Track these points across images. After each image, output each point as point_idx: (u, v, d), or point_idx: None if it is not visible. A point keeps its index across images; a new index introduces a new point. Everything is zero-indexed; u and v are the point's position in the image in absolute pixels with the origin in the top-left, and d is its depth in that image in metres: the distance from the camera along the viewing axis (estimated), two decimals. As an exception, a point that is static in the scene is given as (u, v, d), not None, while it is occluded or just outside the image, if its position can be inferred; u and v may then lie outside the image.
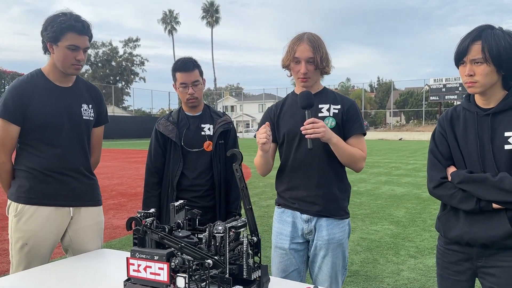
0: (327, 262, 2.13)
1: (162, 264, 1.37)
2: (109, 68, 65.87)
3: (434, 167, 1.83)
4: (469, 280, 1.81)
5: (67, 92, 2.21)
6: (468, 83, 1.69)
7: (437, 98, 44.47)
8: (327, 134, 1.97)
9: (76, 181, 2.21)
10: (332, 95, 2.21)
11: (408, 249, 4.86)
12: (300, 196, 2.13)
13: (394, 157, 18.45)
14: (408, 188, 9.47)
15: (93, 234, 2.29)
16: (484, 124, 1.71)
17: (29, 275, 1.87)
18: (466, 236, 1.72)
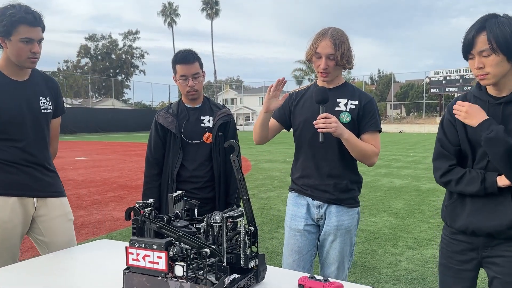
0: (334, 247, 2.21)
1: (161, 253, 1.39)
2: (109, 61, 65.76)
3: (442, 156, 1.80)
4: (473, 270, 1.80)
5: (24, 86, 2.18)
6: (479, 76, 1.66)
7: (437, 90, 44.40)
8: (338, 129, 2.01)
9: (39, 173, 2.21)
10: (352, 90, 2.24)
11: (406, 240, 4.90)
12: (312, 184, 2.21)
13: (394, 149, 18.48)
14: (407, 180, 9.51)
15: (64, 225, 2.29)
16: (496, 113, 1.68)
17: (30, 265, 1.91)
18: (472, 226, 1.72)
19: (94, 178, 9.68)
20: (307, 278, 1.56)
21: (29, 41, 2.05)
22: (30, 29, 2.03)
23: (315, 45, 2.13)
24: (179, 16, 65.13)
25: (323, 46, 2.10)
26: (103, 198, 7.39)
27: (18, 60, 2.08)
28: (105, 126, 40.04)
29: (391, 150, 18.16)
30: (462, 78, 42.17)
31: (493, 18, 1.62)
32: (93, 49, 65.86)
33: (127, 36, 66.73)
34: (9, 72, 2.14)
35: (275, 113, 2.29)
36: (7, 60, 2.12)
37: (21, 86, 2.16)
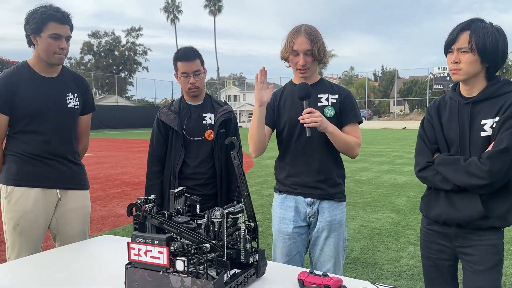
0: (329, 243, 2.22)
1: (162, 248, 1.41)
2: (112, 57, 65.76)
3: (421, 152, 1.93)
4: (449, 259, 1.92)
5: (52, 82, 2.30)
6: (453, 70, 1.80)
7: (441, 86, 44.22)
8: (323, 123, 2.05)
9: (62, 165, 2.31)
10: (329, 86, 2.29)
11: (408, 236, 4.91)
12: (302, 182, 2.22)
13: (397, 146, 18.45)
14: (410, 176, 9.49)
15: (79, 218, 2.39)
16: (464, 112, 1.82)
17: (32, 261, 1.93)
18: (444, 216, 1.84)
19: (98, 175, 9.72)
20: (307, 273, 1.58)
21: (57, 37, 2.18)
22: (59, 26, 2.18)
23: (291, 43, 2.16)
24: (181, 13, 65.12)
25: (300, 42, 2.13)
26: (106, 194, 7.43)
27: (47, 55, 2.21)
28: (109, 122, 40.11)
29: (394, 146, 18.14)
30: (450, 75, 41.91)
31: (479, 21, 1.77)
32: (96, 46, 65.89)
33: (130, 33, 66.72)
34: (39, 68, 2.27)
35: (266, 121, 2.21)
36: (37, 57, 2.25)
37: (49, 82, 2.29)
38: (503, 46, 1.76)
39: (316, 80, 2.27)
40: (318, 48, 2.14)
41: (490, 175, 1.68)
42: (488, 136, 1.77)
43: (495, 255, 1.79)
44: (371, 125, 43.74)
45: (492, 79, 1.81)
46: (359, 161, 12.48)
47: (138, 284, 1.47)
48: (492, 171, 1.67)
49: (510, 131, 1.69)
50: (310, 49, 2.13)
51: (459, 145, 1.82)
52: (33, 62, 2.27)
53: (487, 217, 1.74)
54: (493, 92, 1.78)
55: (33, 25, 2.15)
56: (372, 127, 41.69)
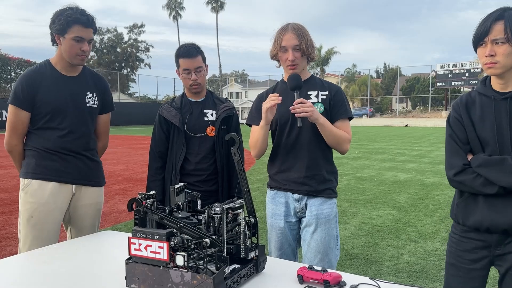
0: (316, 238, 2.22)
1: (162, 243, 1.42)
2: (114, 54, 65.75)
3: (455, 153, 1.76)
4: (483, 269, 1.76)
5: (72, 81, 2.37)
6: (488, 64, 1.64)
7: (443, 84, 44.06)
8: (314, 113, 2.07)
9: (79, 161, 2.37)
10: (320, 82, 2.31)
11: (409, 233, 4.92)
12: (291, 178, 2.24)
13: (399, 143, 18.43)
14: (411, 174, 9.50)
15: (91, 213, 2.45)
16: (502, 108, 1.66)
17: (35, 255, 1.95)
18: (486, 222, 1.68)
19: (100, 171, 9.74)
20: (306, 268, 1.59)
21: (80, 40, 2.25)
22: (83, 29, 2.25)
23: (278, 40, 2.20)
24: (184, 10, 64.99)
25: (288, 38, 2.17)
26: (108, 190, 7.46)
27: (69, 56, 2.28)
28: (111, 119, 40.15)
29: (396, 144, 18.12)
30: (469, 72, 41.81)
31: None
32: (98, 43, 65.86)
33: (132, 30, 66.67)
34: (61, 67, 2.34)
35: (258, 120, 2.25)
36: (60, 57, 2.32)
37: (70, 81, 2.36)
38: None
39: (306, 77, 2.29)
40: (306, 43, 2.17)
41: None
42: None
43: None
44: (373, 122, 43.68)
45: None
46: (361, 159, 12.49)
47: (138, 279, 1.49)
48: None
49: None
50: (298, 44, 2.16)
51: (497, 145, 1.65)
52: (55, 60, 2.35)
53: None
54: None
55: (58, 26, 2.22)
56: (374, 125, 41.63)
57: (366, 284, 1.54)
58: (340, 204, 6.46)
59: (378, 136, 23.89)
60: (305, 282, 1.55)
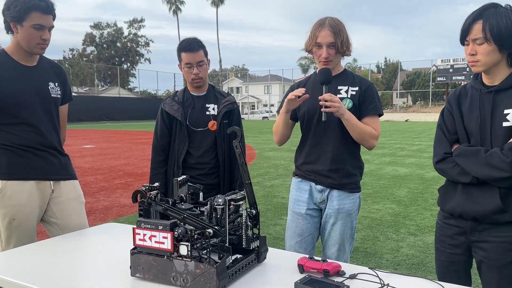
0: (335, 230, 2.29)
1: (166, 234, 1.46)
2: (114, 49, 65.65)
3: (440, 142, 1.87)
4: (463, 254, 1.85)
5: (33, 71, 2.22)
6: (471, 62, 1.73)
7: (444, 78, 43.97)
8: (341, 109, 2.10)
9: (53, 156, 2.28)
10: (351, 77, 2.32)
11: (409, 227, 4.96)
12: (315, 170, 2.29)
13: (400, 138, 18.46)
14: (411, 168, 9.53)
15: (76, 207, 2.37)
16: (486, 101, 1.74)
17: (39, 247, 1.99)
18: (459, 209, 1.78)
19: (101, 166, 9.79)
20: (306, 258, 1.62)
21: (40, 28, 2.10)
22: (42, 16, 2.09)
23: (314, 35, 2.20)
24: (184, 4, 64.79)
25: (323, 35, 2.17)
26: (110, 185, 7.50)
27: (28, 45, 2.13)
28: (111, 114, 40.22)
29: (396, 138, 18.14)
30: (470, 67, 41.62)
31: (493, 7, 1.66)
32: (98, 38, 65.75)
33: (132, 24, 66.53)
34: (19, 57, 2.18)
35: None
36: (16, 45, 2.16)
37: (30, 71, 2.21)
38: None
39: (339, 71, 2.31)
40: (342, 41, 2.17)
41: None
42: (511, 127, 1.68)
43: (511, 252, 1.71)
44: (373, 117, 43.60)
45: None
46: (361, 153, 12.50)
47: (143, 268, 1.52)
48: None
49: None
50: (333, 42, 2.17)
51: (479, 135, 1.73)
52: (11, 50, 2.18)
53: (504, 211, 1.67)
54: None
55: (15, 13, 2.05)
56: (374, 119, 41.53)
57: (365, 274, 1.58)
58: (340, 198, 6.49)
59: (378, 131, 23.88)
60: (305, 272, 1.59)
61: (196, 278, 1.43)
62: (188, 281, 1.44)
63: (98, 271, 1.66)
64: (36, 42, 2.12)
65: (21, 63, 2.19)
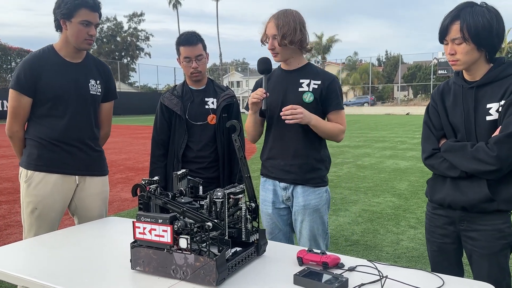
0: (305, 227, 2.27)
1: (166, 227, 1.47)
2: (114, 43, 65.45)
3: (427, 139, 1.91)
4: (453, 243, 1.90)
5: (76, 67, 2.34)
6: (451, 61, 1.79)
7: (445, 72, 43.80)
8: (305, 118, 2.11)
9: (82, 152, 2.36)
10: (314, 71, 2.29)
11: (409, 220, 4.98)
12: (278, 165, 2.28)
13: (401, 131, 18.44)
14: (412, 162, 9.53)
15: (97, 203, 2.45)
16: (469, 96, 1.79)
17: (42, 241, 2.00)
18: (448, 199, 1.82)
19: (102, 160, 9.80)
20: (306, 251, 1.64)
21: (88, 24, 2.23)
22: (90, 13, 2.22)
23: (265, 27, 2.24)
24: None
25: (269, 27, 2.22)
26: (111, 179, 7.48)
27: (76, 41, 2.25)
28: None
29: (397, 132, 18.13)
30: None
31: (469, 7, 1.71)
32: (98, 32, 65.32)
33: (132, 19, 66.29)
34: (65, 53, 2.31)
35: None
36: (64, 42, 2.29)
37: (73, 67, 2.33)
38: (497, 27, 1.70)
39: (300, 65, 2.29)
40: (284, 33, 2.15)
41: (498, 161, 1.65)
42: (494, 120, 1.72)
43: (500, 240, 1.76)
44: (374, 110, 43.57)
45: (493, 61, 1.78)
46: (362, 147, 12.52)
47: (143, 261, 1.53)
48: (500, 157, 1.64)
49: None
50: (276, 34, 2.18)
51: (464, 130, 1.79)
52: (59, 46, 2.31)
53: (492, 200, 1.72)
54: (497, 75, 1.75)
55: (65, 10, 2.19)
56: (375, 113, 41.54)
57: (364, 266, 1.59)
58: (340, 191, 6.51)
59: (379, 124, 23.89)
60: (304, 264, 1.60)
61: (196, 271, 1.44)
62: (188, 273, 1.46)
63: (99, 265, 1.67)
64: (84, 37, 2.25)
65: (66, 59, 2.32)
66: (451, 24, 1.73)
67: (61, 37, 2.29)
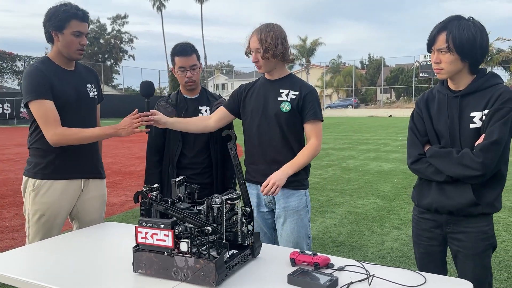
0: (286, 228, 2.36)
1: (167, 232, 1.55)
2: (98, 46, 64.84)
3: (413, 145, 2.00)
4: (440, 245, 2.00)
5: (73, 74, 2.41)
6: (436, 69, 1.89)
7: (426, 74, 44.51)
8: (282, 180, 2.19)
9: (86, 155, 2.42)
10: (294, 82, 2.39)
11: (393, 221, 5.14)
12: (258, 170, 2.38)
13: (384, 133, 18.76)
14: (395, 164, 9.75)
15: (97, 205, 2.52)
16: (453, 105, 1.89)
17: (41, 246, 2.06)
18: (435, 204, 1.92)
19: (88, 165, 9.75)
20: (298, 252, 1.74)
21: (79, 35, 2.30)
22: (80, 23, 2.30)
23: (248, 41, 2.34)
24: (168, 0, 64.34)
25: (252, 41, 2.31)
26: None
27: (68, 51, 2.31)
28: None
29: (380, 134, 18.44)
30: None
31: (456, 20, 1.82)
32: (80, 34, 64.80)
33: (115, 21, 65.84)
34: (60, 62, 2.37)
35: (226, 103, 2.50)
36: (57, 53, 2.35)
37: (71, 75, 2.40)
38: (481, 41, 1.80)
39: (282, 75, 2.39)
40: (266, 47, 2.24)
41: (483, 167, 1.75)
42: (478, 128, 1.82)
43: (484, 241, 1.88)
44: (358, 113, 44.09)
45: (476, 72, 1.88)
46: (346, 149, 12.73)
47: (145, 264, 1.62)
48: (485, 163, 1.75)
49: (499, 123, 1.76)
50: (258, 48, 2.27)
51: (449, 136, 1.88)
52: (53, 56, 2.37)
53: (477, 204, 1.82)
54: (480, 85, 1.84)
55: (56, 23, 2.25)
56: (359, 115, 42.05)
57: (352, 266, 1.71)
58: (326, 194, 6.65)
59: (363, 126, 24.22)
60: (297, 265, 1.70)
61: (196, 273, 1.53)
62: (188, 275, 1.54)
63: (102, 268, 1.75)
64: (76, 47, 2.31)
65: (63, 67, 2.38)
66: (438, 34, 1.84)
67: (53, 48, 2.35)
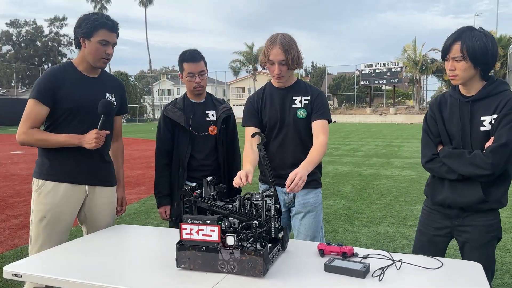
0: (304, 223, 2.50)
1: (214, 227, 1.65)
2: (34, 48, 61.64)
3: (427, 145, 2.17)
4: (444, 236, 2.19)
5: (94, 81, 2.43)
6: (451, 76, 2.06)
7: (367, 82, 46.92)
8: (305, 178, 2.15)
9: (93, 162, 2.42)
10: (304, 87, 2.53)
11: (361, 219, 5.44)
12: (278, 175, 2.47)
13: (332, 138, 19.47)
14: (350, 167, 10.22)
15: (105, 212, 2.51)
16: (465, 109, 2.07)
17: (65, 249, 2.05)
18: (448, 200, 2.11)
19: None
20: (325, 244, 1.89)
21: (106, 44, 2.34)
22: (108, 33, 2.33)
23: (267, 53, 2.37)
24: (110, 3, 62.43)
25: (275, 53, 2.34)
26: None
27: (93, 59, 2.34)
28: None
29: (330, 139, 19.05)
30: (390, 71, 44.96)
31: (469, 31, 2.02)
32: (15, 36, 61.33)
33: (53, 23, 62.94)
34: (83, 68, 2.41)
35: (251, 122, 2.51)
36: (82, 58, 2.39)
37: (91, 81, 2.43)
38: (491, 49, 1.97)
39: (292, 82, 2.52)
40: (292, 57, 2.33)
41: (493, 167, 1.93)
42: (487, 131, 2.00)
43: (490, 233, 2.07)
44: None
45: (487, 78, 2.05)
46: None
47: (189, 259, 1.69)
48: (495, 163, 1.93)
49: (508, 127, 1.94)
50: (284, 60, 2.34)
51: (460, 138, 2.06)
52: (77, 62, 2.41)
53: (485, 201, 2.01)
54: (490, 92, 2.02)
55: (85, 29, 2.30)
56: (305, 121, 43.01)
57: (374, 254, 1.88)
58: (293, 196, 6.86)
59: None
60: (326, 255, 1.85)
61: (243, 264, 1.63)
62: (235, 267, 1.64)
63: (142, 265, 1.80)
64: (101, 56, 2.33)
65: (84, 74, 2.41)
66: (452, 44, 2.00)
67: (80, 54, 2.39)
